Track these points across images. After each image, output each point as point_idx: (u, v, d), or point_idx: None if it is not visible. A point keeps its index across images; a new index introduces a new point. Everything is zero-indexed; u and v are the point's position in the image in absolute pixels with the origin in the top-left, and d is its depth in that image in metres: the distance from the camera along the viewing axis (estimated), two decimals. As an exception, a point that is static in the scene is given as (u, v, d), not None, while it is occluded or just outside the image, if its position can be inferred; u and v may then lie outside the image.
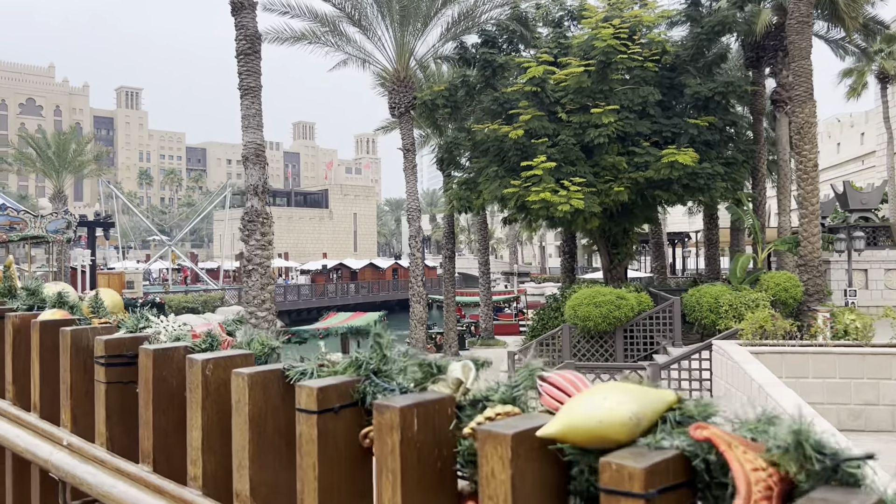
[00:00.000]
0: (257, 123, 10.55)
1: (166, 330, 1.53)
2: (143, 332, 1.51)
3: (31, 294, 1.86)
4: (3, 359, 1.80)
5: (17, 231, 24.42)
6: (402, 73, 20.64)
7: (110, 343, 1.43)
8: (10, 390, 1.73)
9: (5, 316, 1.77)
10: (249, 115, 10.50)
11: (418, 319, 21.02)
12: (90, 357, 1.54)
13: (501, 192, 20.12)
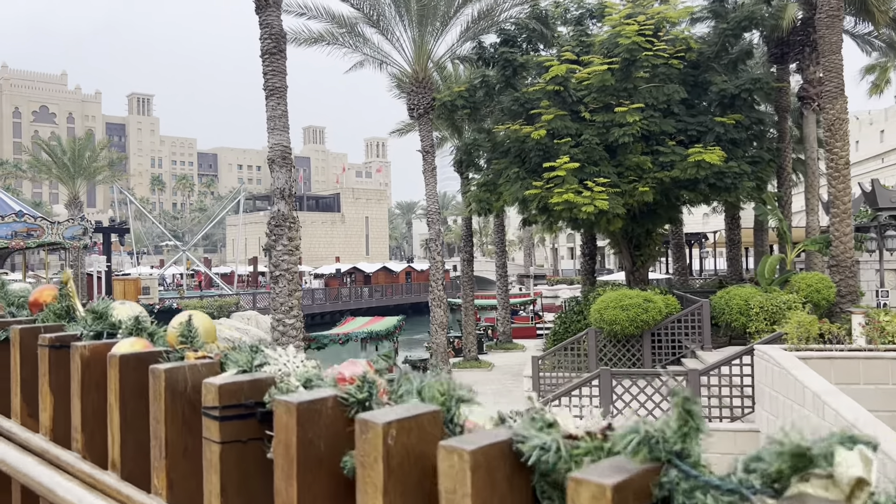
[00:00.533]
0: (283, 125, 10.20)
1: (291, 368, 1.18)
2: (263, 372, 1.16)
3: (98, 317, 1.52)
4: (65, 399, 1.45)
5: (34, 238, 24.27)
6: (421, 73, 20.32)
7: (226, 389, 1.08)
8: (77, 439, 1.38)
9: (70, 346, 1.42)
10: (275, 117, 10.16)
11: (439, 324, 20.66)
12: (189, 404, 1.19)
13: (523, 194, 19.75)
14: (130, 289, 35.22)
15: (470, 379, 22.71)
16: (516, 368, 26.28)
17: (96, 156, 34.87)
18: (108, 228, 36.17)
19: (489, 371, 25.42)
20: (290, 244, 9.89)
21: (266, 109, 10.36)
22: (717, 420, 11.42)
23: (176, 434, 1.18)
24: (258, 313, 47.41)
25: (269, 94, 10.27)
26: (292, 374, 1.11)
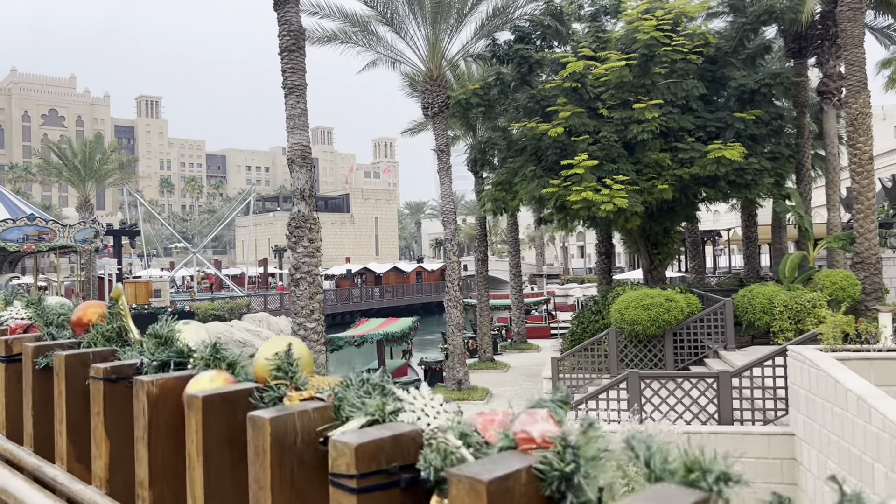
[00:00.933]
0: (303, 124, 9.91)
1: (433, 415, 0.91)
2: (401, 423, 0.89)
3: (161, 343, 1.25)
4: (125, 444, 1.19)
5: (46, 241, 24.15)
6: (435, 72, 20.05)
7: (364, 451, 0.80)
8: (144, 498, 1.11)
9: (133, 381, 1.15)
10: (295, 115, 9.88)
11: (455, 325, 20.38)
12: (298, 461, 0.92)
13: (539, 193, 19.45)
14: (141, 291, 35.08)
15: (487, 380, 22.51)
16: (533, 369, 25.98)
17: (107, 158, 34.75)
18: (119, 231, 36.03)
19: (505, 372, 25.14)
20: (311, 246, 9.60)
21: (285, 108, 10.08)
22: (750, 423, 11.09)
23: (285, 501, 0.91)
24: (270, 315, 47.29)
25: (289, 92, 9.99)
26: (447, 427, 0.84)
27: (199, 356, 1.18)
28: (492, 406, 19.79)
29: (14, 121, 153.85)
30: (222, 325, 40.05)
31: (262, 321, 45.28)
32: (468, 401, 19.87)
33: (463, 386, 20.16)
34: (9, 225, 23.18)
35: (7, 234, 23.08)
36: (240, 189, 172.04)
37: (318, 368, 10.00)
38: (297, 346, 1.15)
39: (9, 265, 26.06)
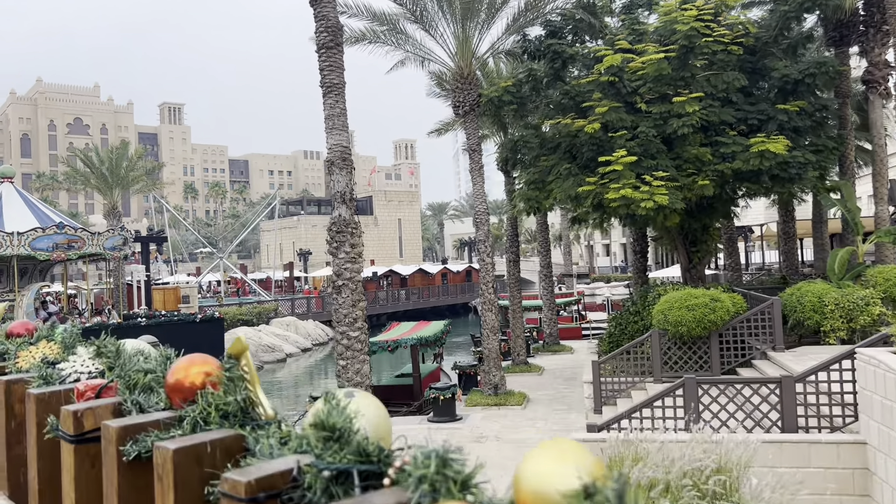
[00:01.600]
0: (342, 124, 9.47)
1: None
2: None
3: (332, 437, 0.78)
4: None
5: (75, 249, 24.06)
6: (466, 69, 19.57)
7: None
8: None
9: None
10: (334, 115, 9.44)
11: (490, 328, 19.88)
12: None
13: (575, 191, 18.90)
14: (170, 298, 35.01)
15: (522, 384, 21.97)
16: (568, 372, 25.40)
17: (133, 165, 34.74)
18: (147, 238, 35.94)
19: (540, 375, 24.58)
20: (353, 251, 9.16)
21: (324, 108, 9.63)
22: (815, 431, 10.47)
23: None
24: (297, 319, 47.16)
25: (327, 91, 9.56)
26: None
27: (413, 470, 0.70)
28: (531, 411, 19.28)
29: (40, 130, 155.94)
30: (250, 330, 39.97)
31: (289, 325, 45.17)
32: (505, 406, 19.36)
33: (499, 391, 19.66)
34: (38, 234, 23.11)
35: (37, 242, 23.01)
36: (263, 193, 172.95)
37: (362, 379, 9.57)
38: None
39: (39, 274, 26.03)
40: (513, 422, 18.02)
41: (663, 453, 7.52)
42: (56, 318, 24.54)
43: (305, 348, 43.56)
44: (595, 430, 10.80)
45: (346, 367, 9.28)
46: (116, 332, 9.40)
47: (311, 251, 79.06)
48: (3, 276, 25.07)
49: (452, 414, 18.26)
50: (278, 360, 38.90)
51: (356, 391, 0.98)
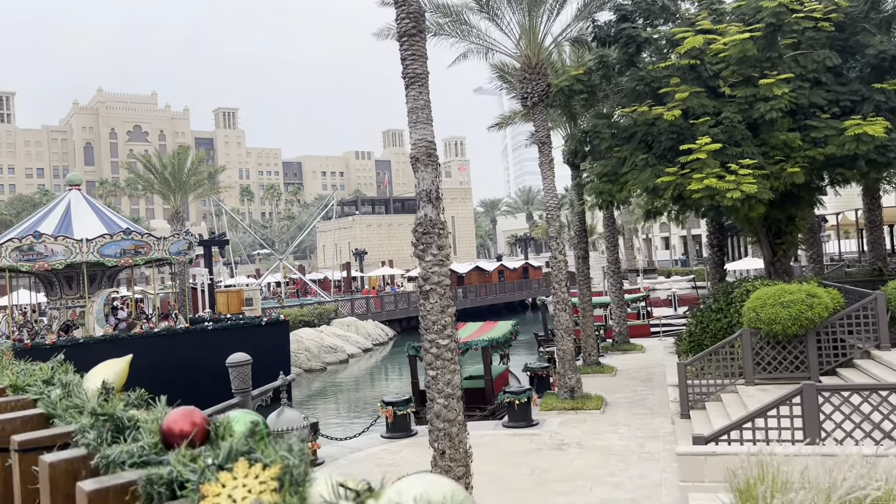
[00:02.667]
0: (427, 116, 8.81)
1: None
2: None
3: None
4: None
5: (142, 254, 24.12)
6: (534, 59, 18.73)
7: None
8: None
9: None
10: (417, 108, 8.77)
11: (565, 329, 19.01)
12: None
13: (653, 182, 17.88)
14: (234, 300, 35.08)
15: (596, 386, 21.05)
16: (643, 373, 24.32)
17: (195, 169, 34.95)
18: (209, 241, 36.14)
19: (613, 376, 23.60)
20: (441, 253, 8.49)
21: (406, 100, 8.97)
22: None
23: None
24: (357, 319, 46.98)
25: (410, 82, 8.90)
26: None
27: None
28: (611, 416, 18.34)
29: (102, 138, 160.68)
30: (312, 331, 39.88)
31: (350, 326, 45.00)
32: (583, 410, 18.49)
33: (576, 394, 18.80)
34: (106, 240, 23.21)
35: (105, 249, 23.12)
36: (316, 195, 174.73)
37: (453, 390, 8.88)
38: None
39: (107, 279, 26.25)
40: (593, 427, 17.15)
41: (803, 475, 6.61)
42: (125, 323, 24.67)
43: (366, 349, 43.31)
44: (702, 443, 9.89)
45: (435, 378, 8.62)
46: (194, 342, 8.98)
47: (366, 251, 79.15)
48: (73, 282, 25.34)
49: (528, 419, 17.51)
50: (340, 361, 38.69)
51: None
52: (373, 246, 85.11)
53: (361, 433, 17.25)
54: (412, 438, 17.23)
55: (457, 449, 8.46)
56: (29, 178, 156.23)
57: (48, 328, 25.05)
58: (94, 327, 23.65)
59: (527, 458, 14.53)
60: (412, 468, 14.68)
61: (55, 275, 24.96)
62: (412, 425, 17.81)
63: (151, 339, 23.46)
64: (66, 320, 24.58)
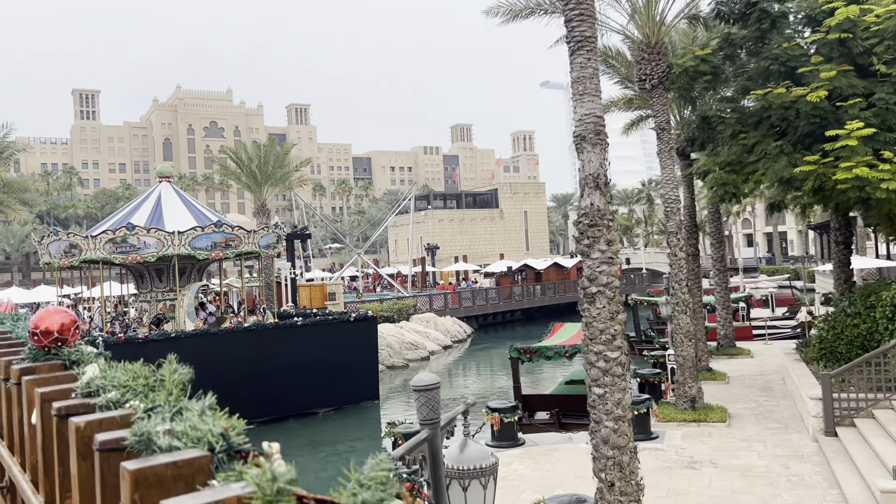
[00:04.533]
0: (595, 88, 7.50)
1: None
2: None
3: None
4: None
5: (232, 248, 23.63)
6: (653, 38, 17.12)
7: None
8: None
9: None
10: (585, 77, 7.48)
11: (685, 333, 17.39)
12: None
13: (789, 172, 16.07)
14: (316, 295, 34.60)
15: (711, 394, 19.25)
16: (758, 380, 22.40)
17: (281, 161, 34.59)
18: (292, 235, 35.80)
19: (727, 384, 21.77)
20: (609, 250, 7.20)
21: (571, 69, 7.70)
22: None
23: None
24: (436, 315, 46.05)
25: (577, 46, 7.60)
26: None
27: None
28: (739, 430, 16.64)
29: (180, 134, 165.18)
30: (393, 327, 39.10)
31: (429, 322, 44.09)
32: (706, 423, 16.85)
33: (697, 405, 17.17)
34: (198, 233, 22.80)
35: (196, 241, 22.70)
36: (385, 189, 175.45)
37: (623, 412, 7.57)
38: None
39: (197, 273, 25.94)
40: (722, 443, 15.53)
41: None
42: (214, 317, 24.26)
43: (446, 345, 42.31)
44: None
45: (603, 398, 7.33)
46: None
47: (438, 246, 78.29)
48: (164, 275, 25.10)
49: (647, 431, 16.00)
50: (422, 358, 37.78)
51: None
52: (444, 241, 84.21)
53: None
54: (520, 449, 15.99)
55: (628, 481, 7.18)
56: (112, 172, 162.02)
57: (139, 321, 24.87)
58: (185, 321, 23.29)
59: (658, 478, 13.06)
60: (529, 485, 13.44)
61: (146, 267, 24.75)
62: (518, 434, 16.57)
63: (241, 333, 22.95)
64: (157, 313, 24.34)
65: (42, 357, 1.80)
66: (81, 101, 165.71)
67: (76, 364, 1.78)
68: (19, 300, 48.01)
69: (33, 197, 35.12)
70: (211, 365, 21.94)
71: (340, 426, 23.97)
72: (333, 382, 24.43)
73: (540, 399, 19.39)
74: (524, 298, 56.51)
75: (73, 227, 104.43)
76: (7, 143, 30.74)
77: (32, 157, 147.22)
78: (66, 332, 1.88)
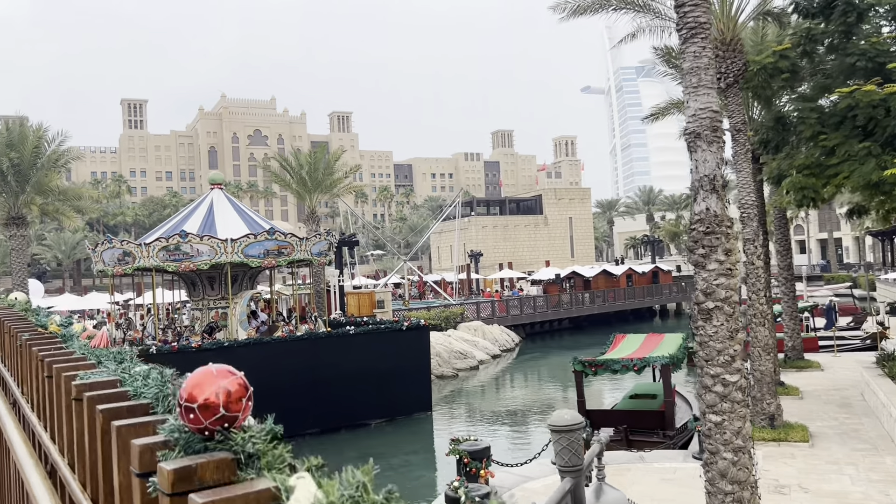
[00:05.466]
0: (710, 80, 6.76)
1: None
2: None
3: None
4: None
5: (285, 255, 23.30)
6: (729, 34, 16.21)
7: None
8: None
9: None
10: (699, 68, 6.74)
11: (763, 346, 16.38)
12: None
13: (878, 175, 14.98)
14: (365, 302, 34.16)
15: (788, 411, 18.21)
16: (834, 395, 21.13)
17: (330, 168, 34.33)
18: (341, 242, 35.50)
19: (801, 399, 20.58)
20: (728, 260, 6.42)
21: (684, 59, 6.97)
22: None
23: None
24: (483, 323, 45.30)
25: (690, 34, 6.88)
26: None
27: None
28: (824, 451, 15.54)
29: (225, 142, 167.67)
30: (441, 335, 38.46)
31: (477, 330, 43.35)
32: (786, 442, 15.79)
33: (776, 423, 16.11)
34: (251, 240, 22.51)
35: (249, 249, 22.41)
36: (426, 196, 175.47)
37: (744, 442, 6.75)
38: None
39: (248, 280, 25.69)
40: (808, 465, 14.48)
41: None
42: (266, 326, 23.93)
43: (494, 355, 41.51)
44: None
45: (721, 426, 6.53)
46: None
47: (481, 252, 77.58)
48: (216, 283, 24.88)
49: (726, 450, 15.04)
50: (471, 368, 37.05)
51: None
52: (488, 247, 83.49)
53: (532, 459, 15.31)
54: (590, 467, 15.14)
55: (750, 520, 6.38)
56: (159, 180, 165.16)
57: (190, 329, 24.69)
58: (237, 329, 23.00)
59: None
60: (605, 507, 12.64)
61: (198, 275, 24.57)
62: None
63: (294, 342, 22.55)
64: (210, 322, 24.12)
65: (200, 446, 1.16)
66: (129, 111, 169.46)
67: (253, 460, 1.13)
68: (71, 307, 48.72)
69: (87, 204, 35.48)
70: (264, 375, 21.58)
71: (393, 438, 23.40)
72: (386, 393, 23.88)
73: (604, 414, 18.51)
74: (573, 307, 55.38)
75: (122, 234, 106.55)
76: (62, 151, 31.07)
77: (83, 166, 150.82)
78: (235, 405, 1.22)
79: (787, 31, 19.28)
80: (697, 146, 6.68)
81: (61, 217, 33.89)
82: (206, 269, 22.92)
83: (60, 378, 1.88)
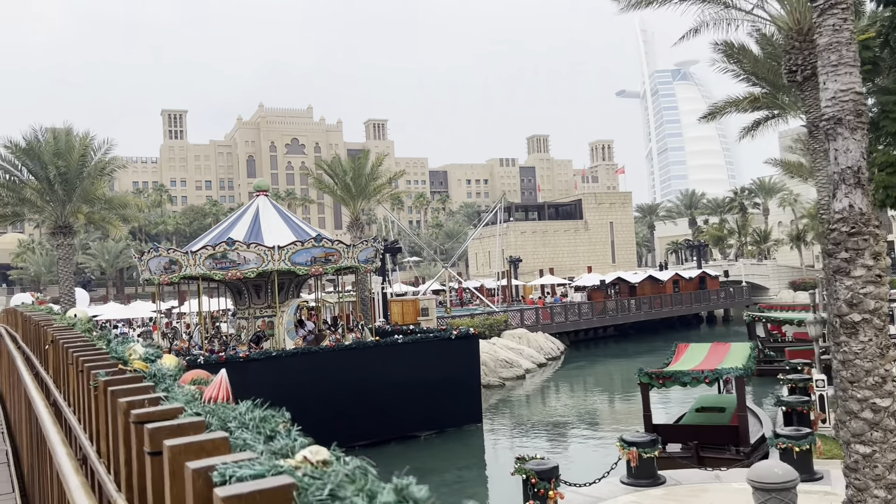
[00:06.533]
0: (853, 57, 5.95)
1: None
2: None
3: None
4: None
5: (332, 262, 22.76)
6: (804, 23, 15.22)
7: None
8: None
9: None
10: (839, 44, 5.93)
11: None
12: None
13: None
14: (409, 310, 33.53)
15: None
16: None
17: (375, 172, 33.82)
18: (386, 248, 34.96)
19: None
20: (877, 265, 5.56)
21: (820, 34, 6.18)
22: None
23: None
24: (527, 331, 44.33)
25: (827, 5, 6.09)
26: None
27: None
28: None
29: (262, 151, 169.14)
30: (486, 343, 37.58)
31: (521, 338, 42.41)
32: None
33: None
34: (297, 248, 22.01)
35: (296, 257, 21.92)
36: (461, 202, 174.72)
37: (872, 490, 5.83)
38: None
39: (295, 288, 25.21)
40: (905, 487, 13.39)
41: None
42: (313, 335, 23.39)
43: (540, 363, 40.51)
44: None
45: (870, 459, 5.64)
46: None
47: (521, 258, 76.49)
48: (262, 291, 24.45)
49: (810, 470, 13.95)
50: (517, 377, 36.12)
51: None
52: (527, 253, 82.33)
53: (602, 478, 14.42)
54: (662, 488, 14.20)
55: (905, 568, 5.49)
56: (198, 189, 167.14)
57: (237, 339, 24.27)
58: (284, 339, 22.50)
59: (843, 531, 11.09)
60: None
61: (244, 283, 24.16)
62: (657, 471, 14.78)
63: (343, 352, 21.94)
64: (257, 331, 23.68)
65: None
66: (170, 121, 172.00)
67: None
68: (115, 315, 48.96)
69: (132, 213, 35.52)
70: (311, 385, 21.01)
71: (444, 451, 22.62)
72: (435, 404, 23.13)
73: (672, 429, 17.49)
74: (618, 314, 54.04)
75: (164, 242, 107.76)
76: (108, 159, 31.07)
77: (125, 176, 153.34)
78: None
79: (861, 22, 18.14)
80: (838, 133, 5.80)
81: (107, 225, 33.92)
82: (253, 277, 22.48)
83: (182, 467, 1.16)
